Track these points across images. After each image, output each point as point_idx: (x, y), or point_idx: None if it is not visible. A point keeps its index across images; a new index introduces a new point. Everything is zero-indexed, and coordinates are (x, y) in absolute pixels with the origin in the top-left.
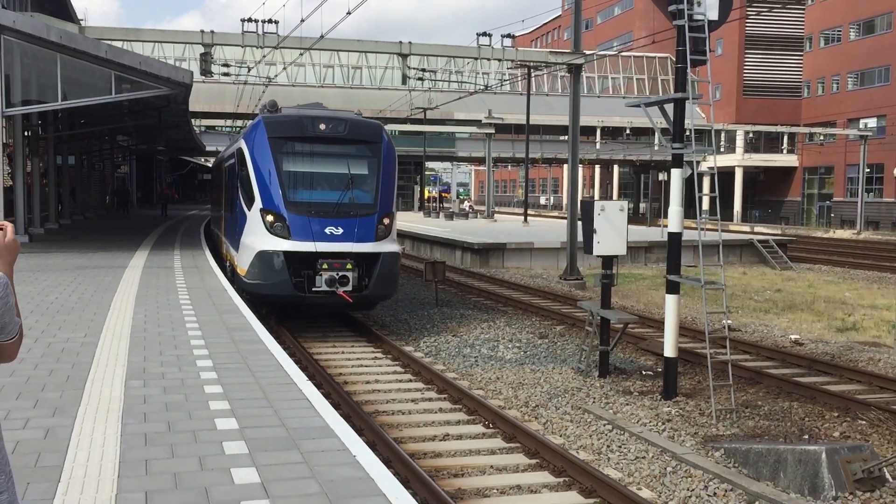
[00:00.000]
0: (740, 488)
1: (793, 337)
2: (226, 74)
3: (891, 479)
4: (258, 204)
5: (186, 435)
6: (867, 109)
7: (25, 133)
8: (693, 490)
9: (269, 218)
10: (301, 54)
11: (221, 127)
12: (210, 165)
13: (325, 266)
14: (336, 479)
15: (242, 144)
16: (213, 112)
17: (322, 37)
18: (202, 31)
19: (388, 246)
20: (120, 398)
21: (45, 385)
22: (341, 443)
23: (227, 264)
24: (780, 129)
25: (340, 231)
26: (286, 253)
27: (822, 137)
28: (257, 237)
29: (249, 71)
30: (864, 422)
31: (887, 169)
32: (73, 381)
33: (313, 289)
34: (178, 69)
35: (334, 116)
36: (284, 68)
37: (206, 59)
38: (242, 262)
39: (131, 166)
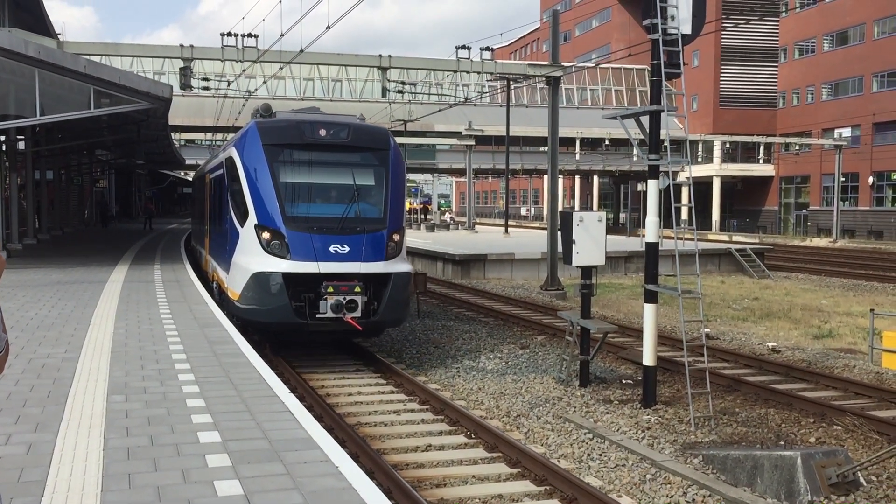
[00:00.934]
0: (718, 494)
1: (770, 345)
2: (205, 88)
3: (865, 484)
4: (252, 219)
5: (169, 448)
6: (841, 119)
7: (2, 148)
8: (672, 497)
9: (266, 235)
10: (281, 68)
11: (201, 140)
12: (190, 179)
13: (330, 289)
14: (319, 490)
15: (233, 153)
16: (193, 126)
17: (302, 51)
18: (181, 46)
19: (400, 265)
20: (102, 413)
21: (27, 401)
22: (324, 454)
23: (214, 285)
24: (756, 139)
25: (346, 249)
26: (285, 275)
27: (797, 147)
28: (252, 257)
29: (229, 85)
30: (839, 427)
31: (862, 178)
32: (54, 397)
33: (317, 315)
34: (157, 83)
35: (336, 121)
36: (264, 82)
37: (185, 73)
38: (234, 284)
39: (110, 180)
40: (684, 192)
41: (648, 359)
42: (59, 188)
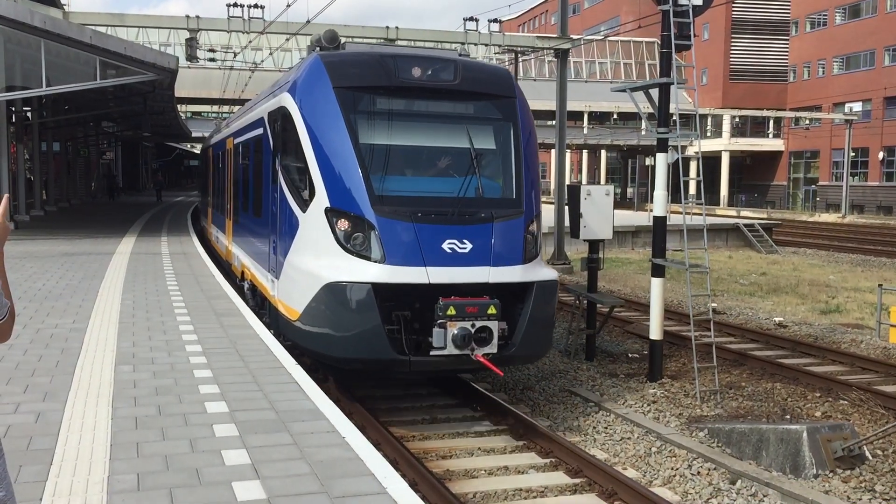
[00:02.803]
0: (723, 467)
1: (777, 319)
2: (212, 60)
3: (870, 458)
4: (321, 200)
5: (177, 418)
6: (852, 94)
7: (10, 119)
8: (677, 469)
9: (343, 224)
10: (287, 39)
11: (207, 113)
12: (198, 151)
13: (451, 311)
14: (326, 460)
15: (286, 101)
16: (199, 98)
17: (308, 22)
18: (187, 17)
19: (542, 270)
20: (110, 383)
21: (35, 370)
22: (330, 425)
23: (247, 285)
24: (766, 113)
25: (468, 247)
26: (377, 287)
27: (807, 122)
28: (321, 258)
29: (235, 56)
30: (845, 402)
31: (872, 153)
32: (62, 367)
33: (432, 352)
34: (163, 54)
35: (434, 56)
36: (271, 53)
37: (191, 45)
38: (291, 297)
39: (116, 153)
40: (692, 166)
41: (655, 333)
42: (65, 160)
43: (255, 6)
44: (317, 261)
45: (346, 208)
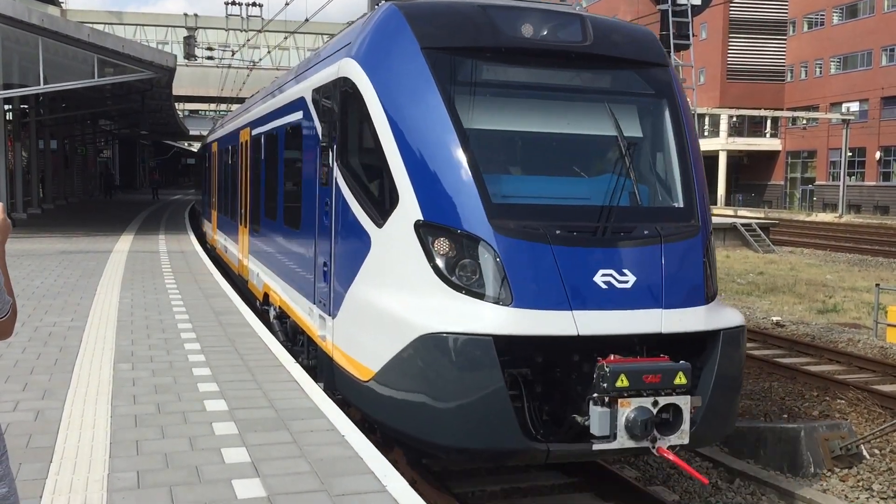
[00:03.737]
0: (722, 466)
1: (774, 319)
2: (209, 58)
3: (868, 457)
4: (409, 210)
5: (176, 416)
6: (849, 93)
7: (7, 117)
8: (675, 468)
9: (445, 246)
10: (286, 38)
11: (205, 111)
12: (195, 150)
13: (622, 382)
14: (326, 458)
15: (349, 70)
16: (197, 96)
17: (307, 20)
18: (185, 15)
19: (727, 313)
20: (109, 381)
21: (34, 368)
22: (330, 423)
23: (270, 312)
24: (763, 113)
25: (630, 280)
26: (501, 340)
27: (804, 121)
28: (411, 293)
29: (233, 55)
30: (842, 401)
31: (869, 153)
32: (61, 365)
33: (592, 444)
34: (161, 52)
35: (553, 8)
36: (269, 52)
37: (189, 43)
38: (358, 346)
39: (114, 151)
40: None
41: None
42: (63, 158)
43: (254, 4)
44: (403, 298)
45: (449, 223)
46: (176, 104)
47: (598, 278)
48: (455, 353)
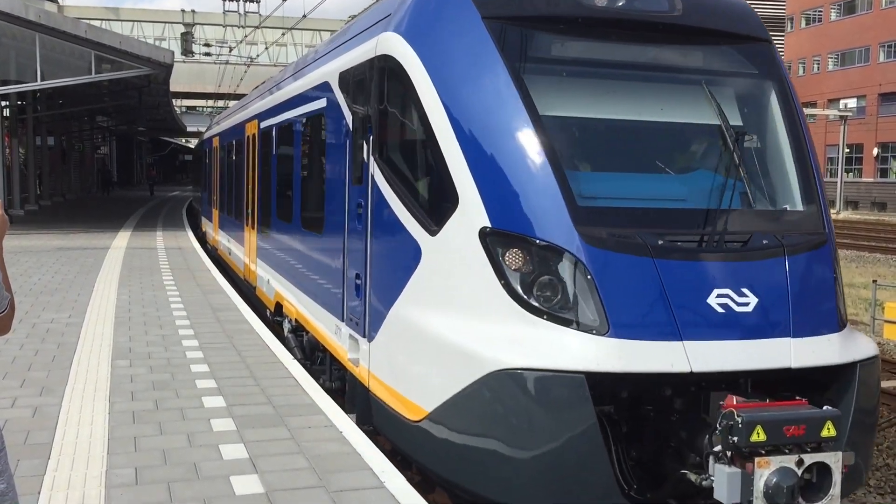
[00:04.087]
0: None
1: None
2: (207, 55)
3: None
4: (472, 215)
5: (174, 413)
6: (847, 90)
7: (4, 113)
8: None
9: (519, 259)
10: (283, 34)
11: (202, 107)
12: (192, 146)
13: (758, 434)
14: (323, 454)
15: (390, 47)
16: (194, 92)
17: (305, 16)
18: (183, 11)
19: (861, 341)
20: (107, 377)
21: (32, 365)
22: (328, 419)
23: (285, 325)
24: None
25: (751, 302)
26: (597, 379)
27: None
28: (477, 317)
29: (231, 51)
30: None
31: (867, 149)
32: (59, 361)
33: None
34: (158, 49)
35: None
36: (266, 48)
37: (186, 39)
38: (405, 379)
39: (111, 147)
40: None
41: None
42: (60, 155)
43: (251, 1)
44: (466, 323)
45: (523, 230)
46: (173, 100)
47: (713, 300)
48: (538, 394)
